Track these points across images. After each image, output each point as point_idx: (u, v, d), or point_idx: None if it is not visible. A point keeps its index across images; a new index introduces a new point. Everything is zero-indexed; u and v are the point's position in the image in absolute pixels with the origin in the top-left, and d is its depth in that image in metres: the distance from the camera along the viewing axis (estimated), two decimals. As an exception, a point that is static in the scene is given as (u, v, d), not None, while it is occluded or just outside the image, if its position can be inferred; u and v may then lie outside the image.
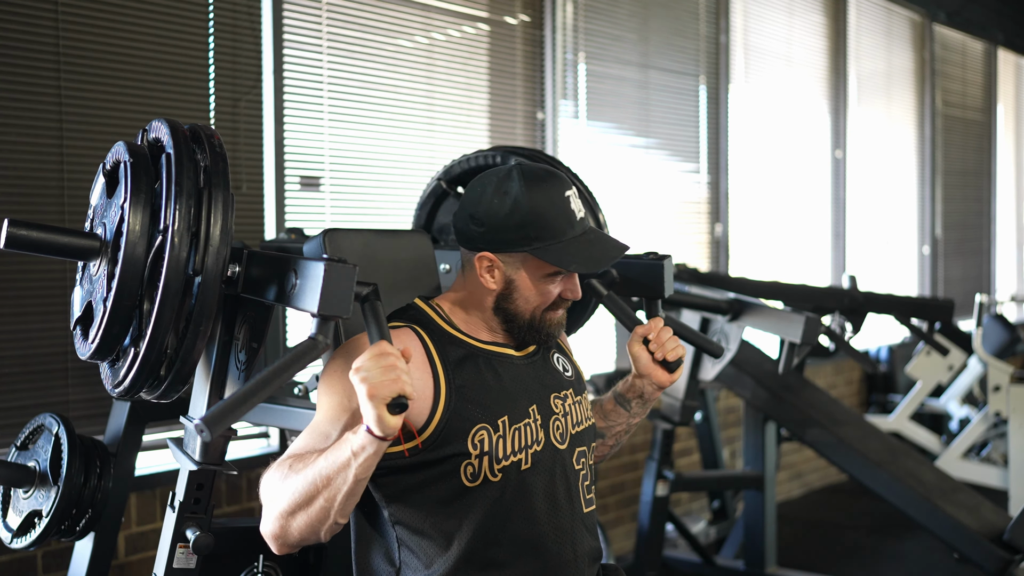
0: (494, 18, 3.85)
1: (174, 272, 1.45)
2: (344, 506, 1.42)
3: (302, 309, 1.47)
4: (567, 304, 1.65)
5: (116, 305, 1.48)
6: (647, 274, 1.91)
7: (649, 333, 1.74)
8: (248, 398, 1.38)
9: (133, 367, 1.51)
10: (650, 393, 1.78)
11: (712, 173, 4.83)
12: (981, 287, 7.23)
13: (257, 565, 2.00)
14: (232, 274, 1.56)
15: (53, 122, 2.62)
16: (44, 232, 1.52)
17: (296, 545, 1.47)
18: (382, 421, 1.35)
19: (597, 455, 1.84)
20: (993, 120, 7.56)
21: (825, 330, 3.14)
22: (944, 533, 3.17)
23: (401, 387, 1.35)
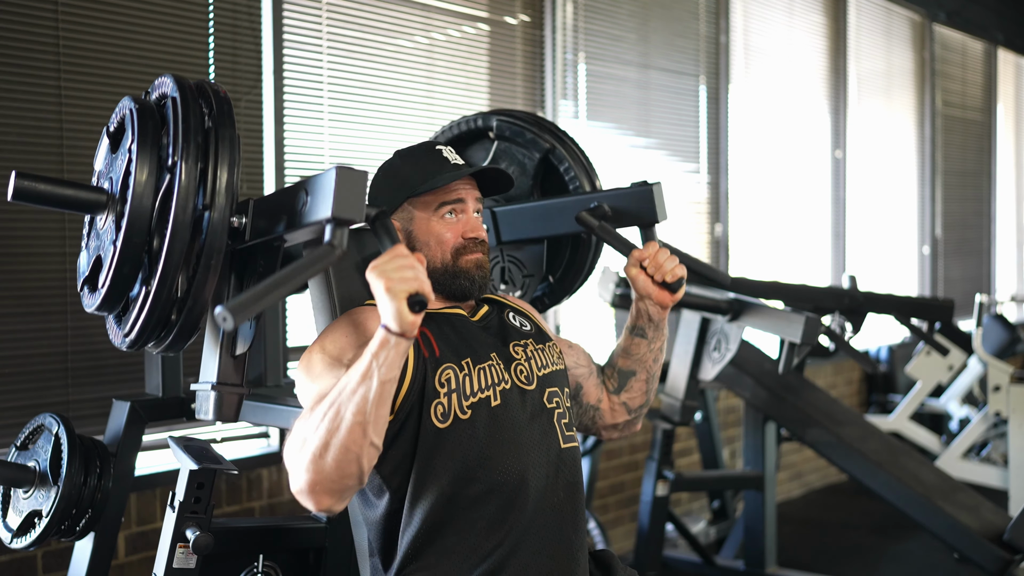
0: (494, 18, 3.85)
1: (183, 205, 1.44)
2: (376, 417, 1.39)
3: (315, 222, 1.45)
4: (482, 246, 1.69)
5: (126, 242, 1.45)
6: (637, 201, 1.89)
7: (645, 256, 1.76)
8: (269, 291, 1.36)
9: (143, 310, 1.48)
10: (657, 315, 1.80)
11: (712, 173, 4.83)
12: (981, 287, 7.23)
13: (257, 565, 2.00)
14: (239, 224, 1.55)
15: (53, 123, 2.62)
16: (51, 184, 1.51)
17: (335, 488, 1.40)
18: (400, 315, 1.37)
19: (636, 399, 1.85)
20: (993, 120, 7.55)
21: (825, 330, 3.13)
22: (944, 533, 3.17)
23: (419, 285, 1.38)
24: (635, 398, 1.85)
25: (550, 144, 2.11)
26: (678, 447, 4.52)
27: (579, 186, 2.11)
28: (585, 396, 1.85)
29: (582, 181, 2.11)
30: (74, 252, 2.65)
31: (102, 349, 2.72)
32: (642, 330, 1.82)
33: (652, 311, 1.80)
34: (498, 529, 1.53)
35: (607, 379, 1.87)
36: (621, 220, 1.91)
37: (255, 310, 1.34)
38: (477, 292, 1.69)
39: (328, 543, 2.09)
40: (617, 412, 1.87)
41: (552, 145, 2.11)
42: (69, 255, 2.65)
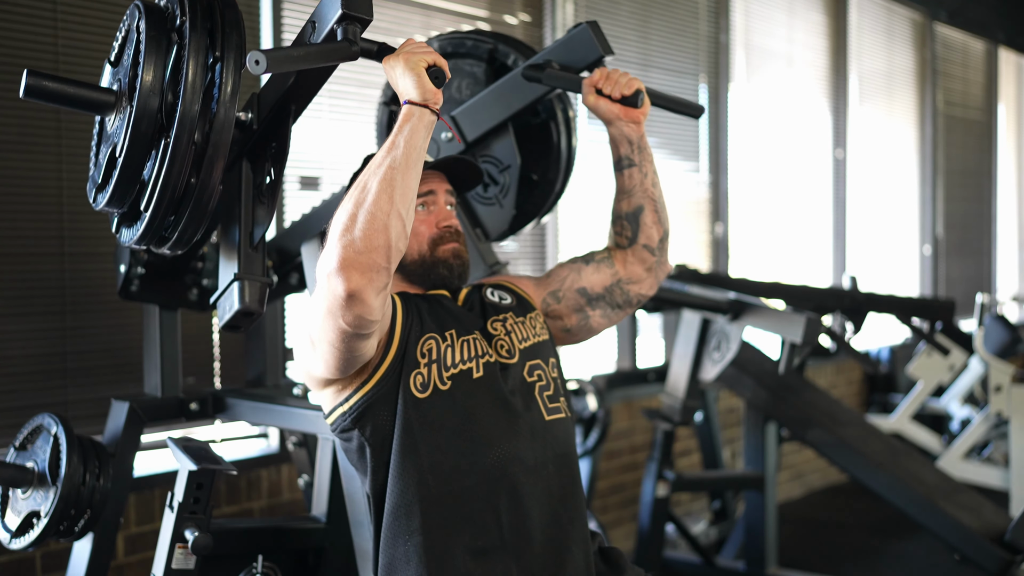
0: (494, 18, 3.84)
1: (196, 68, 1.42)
2: (403, 186, 1.41)
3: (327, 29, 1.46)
4: (458, 236, 1.70)
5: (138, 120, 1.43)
6: (578, 45, 1.87)
7: (596, 79, 1.77)
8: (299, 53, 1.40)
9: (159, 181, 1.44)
10: (635, 133, 1.79)
11: (712, 173, 4.82)
12: (982, 287, 7.22)
13: (256, 565, 2.00)
14: (247, 119, 1.55)
15: (51, 122, 2.61)
16: (61, 83, 1.51)
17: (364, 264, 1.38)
18: (422, 84, 1.43)
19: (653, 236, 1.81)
20: (994, 120, 7.55)
21: (826, 330, 3.13)
22: (945, 534, 3.17)
23: (435, 58, 1.45)
24: (652, 235, 1.81)
25: (491, 44, 2.10)
26: (678, 447, 4.51)
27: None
28: (593, 289, 1.81)
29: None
30: (73, 252, 2.65)
31: (101, 349, 2.71)
32: (628, 159, 1.80)
33: (628, 131, 1.78)
34: (483, 501, 1.54)
35: (618, 236, 1.83)
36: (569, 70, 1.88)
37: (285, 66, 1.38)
38: (456, 281, 1.71)
39: (328, 543, 2.09)
40: (642, 258, 1.82)
41: (493, 44, 2.10)
42: (67, 255, 2.65)
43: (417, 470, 1.54)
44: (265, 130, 1.62)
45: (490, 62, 2.10)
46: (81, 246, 2.66)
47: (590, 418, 3.53)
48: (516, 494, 1.55)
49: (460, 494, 1.54)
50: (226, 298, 1.58)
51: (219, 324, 1.63)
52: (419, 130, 1.44)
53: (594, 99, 1.76)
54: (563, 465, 1.63)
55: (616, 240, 1.83)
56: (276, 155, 1.59)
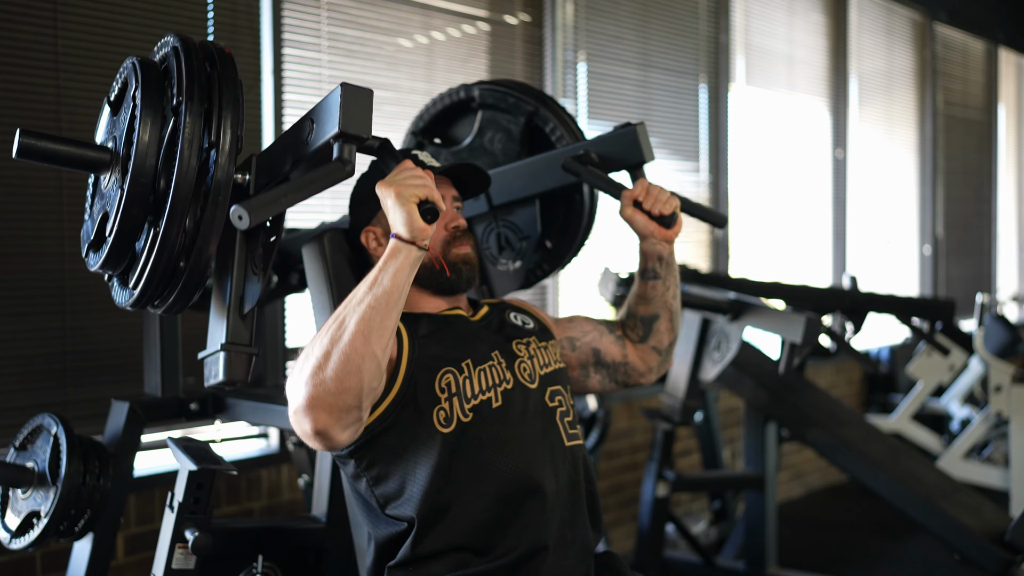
0: (494, 18, 3.85)
1: (190, 142, 1.41)
2: (381, 327, 1.37)
3: (322, 144, 1.43)
4: (468, 236, 1.70)
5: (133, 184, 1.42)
6: (622, 144, 1.87)
7: (637, 193, 1.76)
8: (284, 194, 1.36)
9: (152, 254, 1.45)
10: (665, 251, 1.79)
11: (712, 173, 4.82)
12: (982, 287, 7.22)
13: (257, 565, 1.99)
14: (243, 181, 1.54)
15: (52, 123, 2.61)
16: (55, 143, 1.50)
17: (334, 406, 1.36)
18: (411, 221, 1.38)
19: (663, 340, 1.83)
20: (994, 120, 7.55)
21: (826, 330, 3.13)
22: (945, 534, 3.17)
23: (429, 192, 1.39)
24: (662, 339, 1.85)
25: (533, 106, 2.09)
26: (678, 447, 4.51)
27: (566, 144, 2.09)
28: (606, 356, 1.84)
29: (568, 140, 2.10)
30: (73, 252, 2.65)
31: (101, 349, 2.71)
32: (654, 271, 1.81)
33: (660, 249, 1.79)
34: (506, 529, 1.53)
35: (630, 331, 1.86)
36: (608, 166, 1.89)
37: (270, 211, 1.34)
38: (466, 285, 1.70)
39: (328, 543, 2.08)
40: (648, 357, 1.86)
41: (535, 107, 2.10)
42: (68, 255, 2.65)
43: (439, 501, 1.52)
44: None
45: (528, 123, 2.11)
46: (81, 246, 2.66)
47: (590, 418, 3.53)
48: (537, 520, 1.55)
49: (485, 520, 1.53)
50: (212, 363, 1.60)
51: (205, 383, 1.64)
52: (404, 269, 1.39)
53: (631, 212, 1.76)
54: (577, 490, 1.63)
55: (627, 333, 1.87)
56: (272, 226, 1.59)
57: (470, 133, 2.18)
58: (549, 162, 1.97)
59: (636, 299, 1.84)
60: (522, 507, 1.54)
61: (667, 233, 1.76)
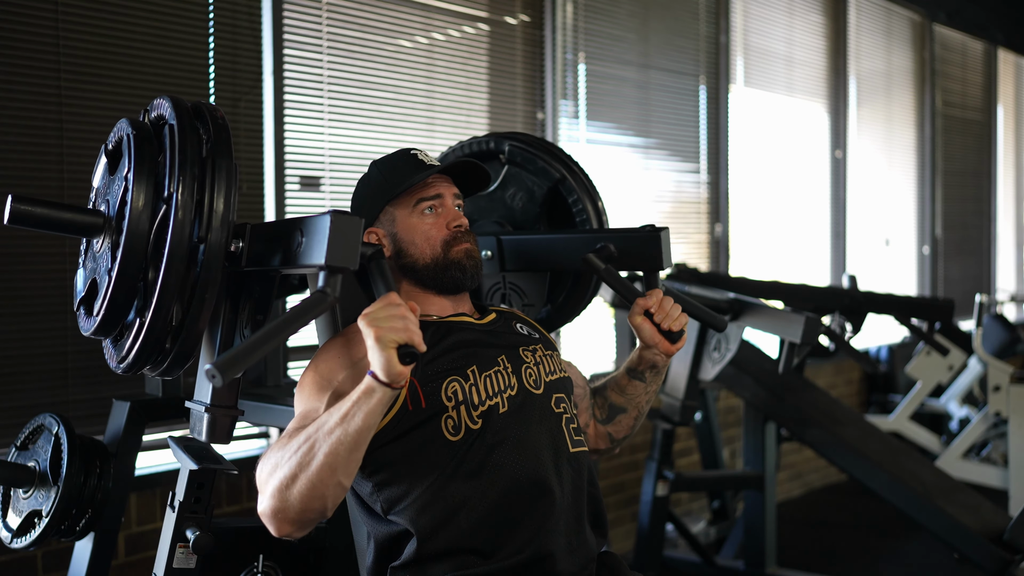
0: (494, 18, 3.85)
1: (179, 238, 1.44)
2: (348, 461, 1.40)
3: (309, 265, 1.46)
4: (469, 236, 1.71)
5: (121, 273, 1.46)
6: (645, 246, 1.89)
7: (650, 304, 1.77)
8: (258, 345, 1.36)
9: (138, 339, 1.49)
10: (661, 362, 1.81)
11: (712, 173, 4.83)
12: (981, 287, 7.23)
13: (257, 565, 2.00)
14: (236, 249, 1.56)
15: (53, 123, 2.62)
16: (47, 208, 1.51)
17: (297, 520, 1.43)
18: (389, 365, 1.37)
19: (621, 432, 1.87)
20: (993, 120, 7.55)
21: (825, 330, 3.13)
22: (944, 533, 3.17)
23: (409, 336, 1.38)
24: (620, 431, 1.87)
25: (560, 175, 2.12)
26: (678, 447, 4.52)
27: (585, 218, 2.12)
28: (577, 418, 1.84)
29: (589, 215, 2.13)
30: (74, 252, 2.65)
31: (102, 349, 2.71)
32: (642, 375, 1.83)
33: (657, 359, 1.81)
34: (512, 535, 1.53)
35: (596, 407, 1.88)
36: (626, 262, 1.92)
37: (244, 366, 1.34)
38: (470, 282, 1.70)
39: (328, 543, 2.09)
40: (600, 439, 1.88)
41: (562, 176, 2.12)
42: (69, 255, 2.65)
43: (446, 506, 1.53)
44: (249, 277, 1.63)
45: (553, 188, 2.13)
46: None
47: (590, 418, 3.53)
48: (543, 527, 1.55)
49: (491, 525, 1.53)
50: (197, 419, 1.64)
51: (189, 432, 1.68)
52: (376, 410, 1.39)
53: (640, 320, 1.78)
54: (582, 496, 1.64)
55: (593, 409, 1.88)
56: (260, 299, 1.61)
57: (493, 181, 2.20)
58: (568, 244, 1.99)
59: (613, 385, 1.87)
60: (528, 512, 1.54)
61: (670, 348, 1.78)
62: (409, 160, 1.72)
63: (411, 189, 1.69)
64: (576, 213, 2.13)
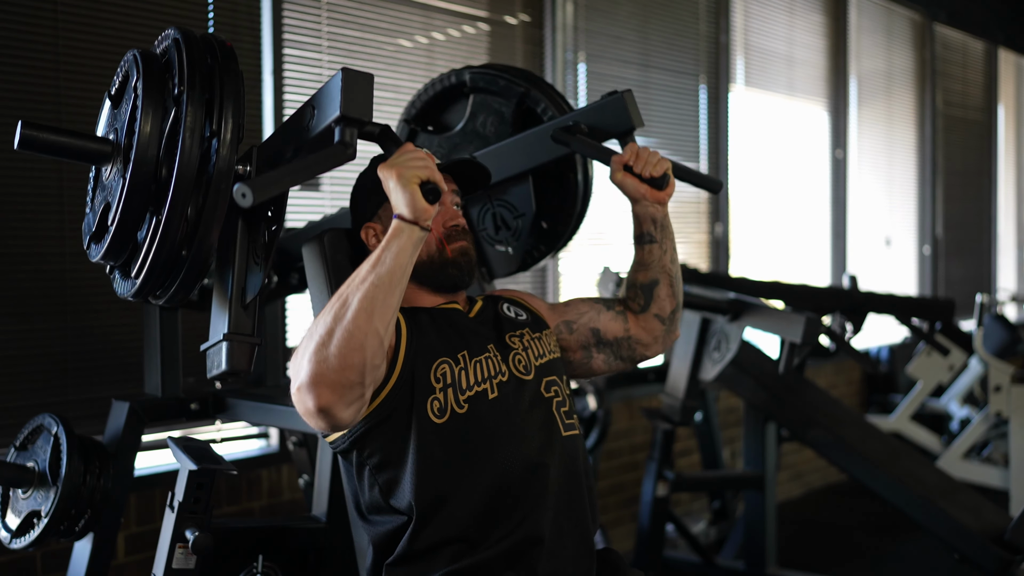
0: (494, 18, 3.85)
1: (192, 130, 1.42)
2: (384, 305, 1.39)
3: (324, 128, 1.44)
4: (466, 235, 1.70)
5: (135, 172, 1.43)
6: (611, 112, 1.86)
7: (626, 157, 1.76)
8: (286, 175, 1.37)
9: (154, 242, 1.45)
10: (658, 214, 1.78)
11: (712, 173, 4.83)
12: (982, 287, 7.22)
13: (257, 565, 2.00)
14: (244, 172, 1.55)
15: (52, 122, 2.62)
16: (57, 135, 1.51)
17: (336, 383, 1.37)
18: (414, 201, 1.40)
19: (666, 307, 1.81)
20: (994, 120, 7.55)
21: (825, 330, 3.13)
22: (944, 533, 3.17)
23: (430, 174, 1.42)
24: (665, 306, 1.82)
25: (524, 87, 2.09)
26: (678, 447, 4.52)
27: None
28: (606, 334, 1.82)
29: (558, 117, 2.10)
30: (73, 252, 2.65)
31: (101, 349, 2.72)
32: (650, 235, 1.79)
33: (652, 211, 1.77)
34: (502, 520, 1.53)
35: (631, 302, 1.83)
36: (598, 136, 1.88)
37: (273, 190, 1.34)
38: (466, 281, 1.70)
39: (328, 543, 2.09)
40: (651, 326, 1.83)
41: (526, 88, 2.09)
42: (68, 255, 2.65)
43: (436, 493, 1.53)
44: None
45: (519, 104, 2.10)
46: (81, 246, 2.65)
47: (590, 418, 3.53)
48: (533, 511, 1.55)
49: (480, 511, 1.53)
50: (215, 353, 1.60)
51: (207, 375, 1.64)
52: (407, 248, 1.40)
53: (621, 176, 1.75)
54: (576, 481, 1.63)
55: (628, 305, 1.85)
56: (273, 215, 1.59)
57: (462, 118, 2.18)
58: (539, 136, 1.96)
59: (635, 267, 1.83)
60: (518, 497, 1.54)
61: (659, 195, 1.75)
62: None
63: None
64: (547, 120, 2.08)
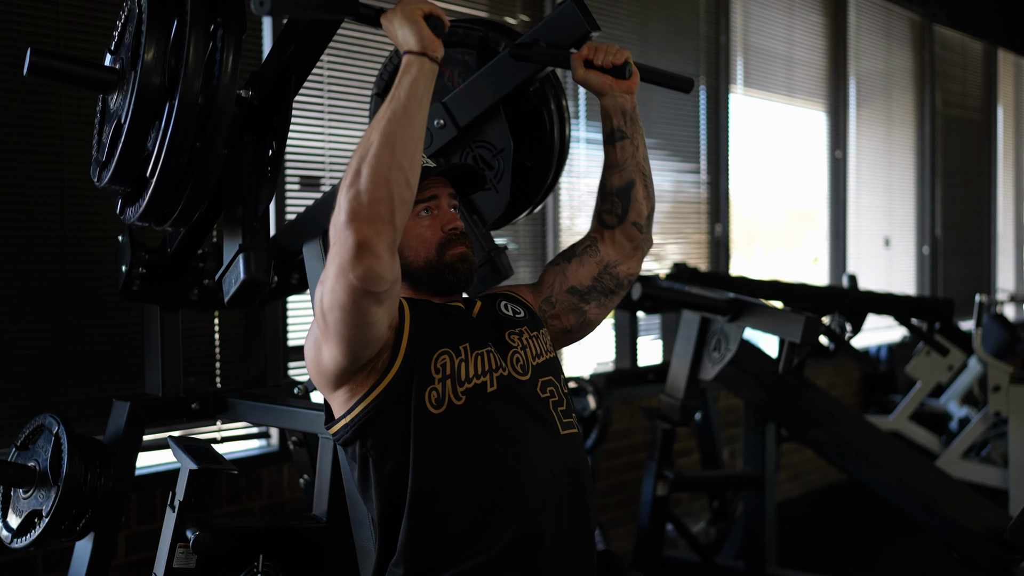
0: (494, 18, 3.85)
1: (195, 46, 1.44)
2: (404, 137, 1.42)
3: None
4: (464, 239, 1.70)
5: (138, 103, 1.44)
6: (564, 21, 1.85)
7: (585, 52, 1.77)
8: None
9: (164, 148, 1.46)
10: (627, 104, 1.78)
11: (712, 173, 4.83)
12: (981, 287, 7.23)
13: (257, 565, 2.00)
14: (247, 96, 1.56)
15: (53, 121, 2.62)
16: (64, 62, 1.52)
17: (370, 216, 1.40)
18: (420, 32, 1.44)
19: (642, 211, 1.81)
20: (993, 120, 7.55)
21: (825, 330, 3.13)
22: (944, 533, 3.17)
23: (432, 8, 1.45)
24: (641, 210, 1.81)
25: (481, 31, 2.09)
26: (678, 447, 4.52)
27: None
28: (583, 283, 1.81)
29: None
30: (74, 252, 2.65)
31: (101, 349, 2.72)
32: (620, 131, 1.79)
33: (621, 101, 1.77)
34: (500, 517, 1.53)
35: (607, 214, 1.82)
36: (556, 47, 1.88)
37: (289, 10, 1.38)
38: (463, 286, 1.70)
39: (328, 543, 2.09)
40: (630, 234, 1.82)
41: (483, 31, 2.09)
42: (68, 255, 2.65)
43: (432, 485, 1.53)
44: (266, 104, 1.62)
45: (481, 50, 2.09)
46: (81, 246, 2.67)
47: (590, 418, 3.53)
48: (532, 508, 1.55)
49: (476, 508, 1.53)
50: (232, 272, 1.59)
51: (225, 298, 1.63)
52: (419, 80, 1.44)
53: (583, 72, 1.77)
54: (576, 479, 1.63)
55: (605, 219, 1.83)
56: (278, 128, 1.60)
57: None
58: (501, 64, 1.96)
59: (608, 171, 1.82)
60: (516, 491, 1.54)
61: (626, 84, 1.76)
62: None
63: None
64: None
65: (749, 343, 3.70)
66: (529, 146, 2.12)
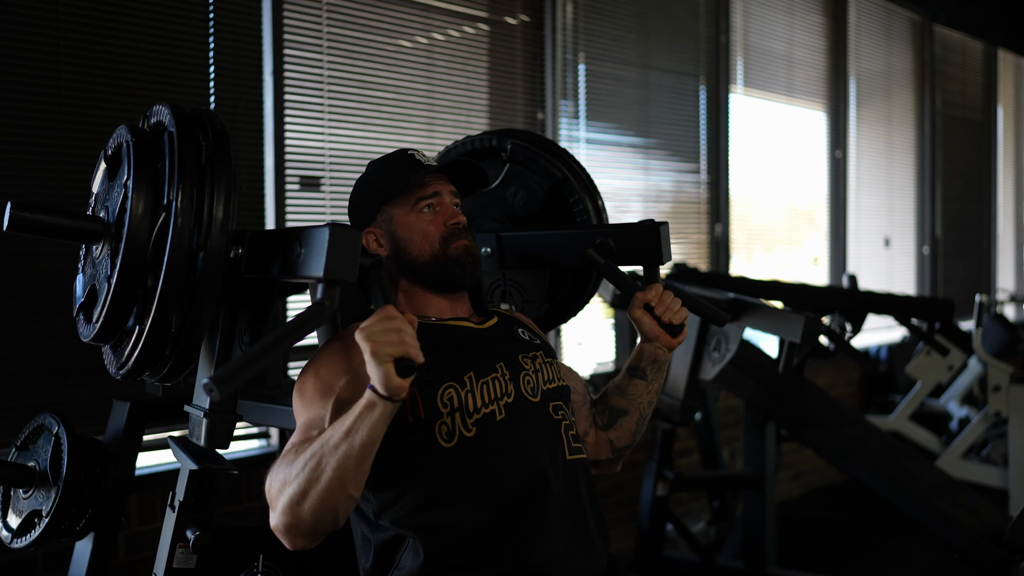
0: (494, 18, 3.85)
1: (178, 245, 1.45)
2: (356, 474, 1.41)
3: (308, 277, 1.47)
4: (467, 233, 1.71)
5: (120, 280, 1.47)
6: (644, 240, 1.89)
7: (649, 297, 1.77)
8: (256, 358, 1.35)
9: (138, 346, 1.50)
10: (662, 356, 1.81)
11: (712, 173, 4.83)
12: (981, 287, 7.23)
13: (257, 565, 2.00)
14: (235, 256, 1.56)
15: (52, 123, 2.62)
16: (47, 215, 1.52)
17: (310, 533, 1.43)
18: (388, 379, 1.37)
19: (623, 439, 1.85)
20: (993, 120, 7.55)
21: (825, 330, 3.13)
22: (944, 533, 3.17)
23: (405, 349, 1.38)
24: (622, 438, 1.85)
25: (562, 174, 2.13)
26: (678, 447, 4.52)
27: (586, 217, 2.13)
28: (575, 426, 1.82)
29: (589, 213, 2.14)
30: (74, 251, 2.65)
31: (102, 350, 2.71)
32: (643, 372, 1.82)
33: (659, 353, 1.80)
34: (507, 539, 1.52)
35: (597, 414, 1.86)
36: (625, 257, 1.91)
37: (242, 380, 1.34)
38: (469, 279, 1.70)
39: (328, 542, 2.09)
40: (601, 448, 1.86)
41: (564, 175, 2.13)
42: (68, 254, 2.65)
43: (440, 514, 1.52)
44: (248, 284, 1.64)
45: (554, 187, 2.13)
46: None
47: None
48: (538, 532, 1.54)
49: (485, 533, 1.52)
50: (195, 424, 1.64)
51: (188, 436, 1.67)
52: (379, 423, 1.39)
53: (640, 314, 1.78)
54: (578, 503, 1.62)
55: (595, 415, 1.87)
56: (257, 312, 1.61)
57: (494, 179, 2.19)
58: (569, 240, 1.99)
59: (614, 389, 1.85)
60: (523, 519, 1.53)
61: (671, 341, 1.79)
62: (406, 160, 1.72)
63: (409, 188, 1.70)
64: (577, 213, 2.13)
65: (749, 343, 3.70)
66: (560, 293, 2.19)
